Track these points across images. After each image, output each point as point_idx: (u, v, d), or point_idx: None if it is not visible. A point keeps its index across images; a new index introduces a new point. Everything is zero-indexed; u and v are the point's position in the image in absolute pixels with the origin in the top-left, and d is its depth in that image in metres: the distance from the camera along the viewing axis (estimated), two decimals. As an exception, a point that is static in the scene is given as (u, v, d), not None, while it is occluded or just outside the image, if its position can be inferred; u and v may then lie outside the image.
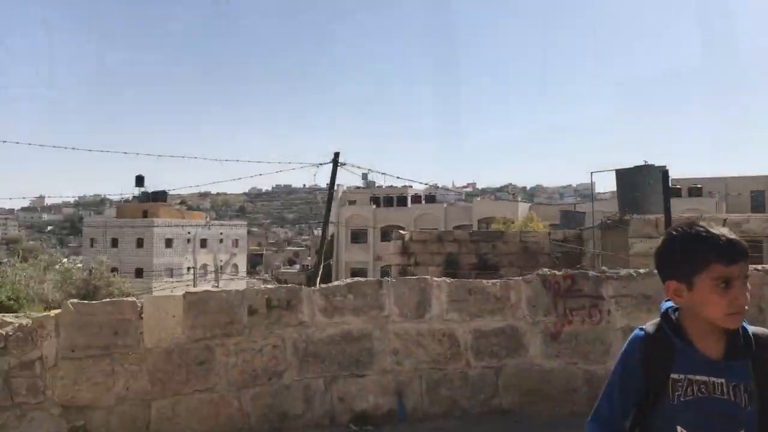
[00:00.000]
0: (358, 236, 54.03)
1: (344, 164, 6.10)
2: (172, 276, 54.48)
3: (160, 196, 59.67)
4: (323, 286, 5.65)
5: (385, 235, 53.06)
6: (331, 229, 65.46)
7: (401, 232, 19.10)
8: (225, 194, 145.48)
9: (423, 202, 53.73)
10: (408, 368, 5.60)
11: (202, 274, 56.67)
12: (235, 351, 5.38)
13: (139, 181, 59.34)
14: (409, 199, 54.11)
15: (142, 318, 5.26)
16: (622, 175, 14.60)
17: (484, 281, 5.88)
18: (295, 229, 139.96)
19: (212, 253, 60.69)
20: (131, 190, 58.55)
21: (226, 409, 5.33)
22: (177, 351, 5.28)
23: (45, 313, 5.32)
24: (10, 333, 5.15)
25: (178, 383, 5.26)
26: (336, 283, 5.67)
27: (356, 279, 5.73)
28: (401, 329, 5.63)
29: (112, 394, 5.16)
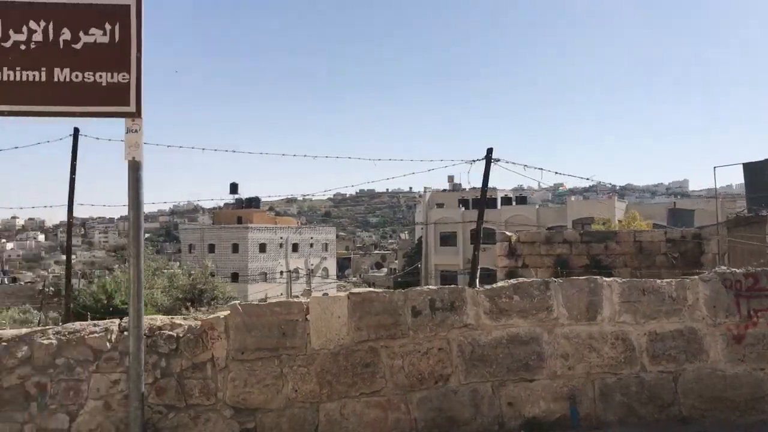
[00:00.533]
0: (447, 239, 53.63)
1: (498, 160, 5.87)
2: (266, 280, 55.77)
3: (253, 203, 61.28)
4: (487, 287, 5.45)
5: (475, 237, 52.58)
6: (418, 232, 65.34)
7: (507, 233, 18.70)
8: (311, 200, 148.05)
9: (514, 203, 52.82)
10: (580, 373, 5.31)
11: (294, 278, 57.66)
12: (401, 353, 5.25)
13: (233, 188, 61.15)
14: (499, 200, 53.31)
15: (308, 319, 5.21)
16: (751, 168, 13.71)
17: (658, 281, 5.53)
18: (379, 233, 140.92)
19: (304, 257, 61.75)
20: (225, 198, 60.43)
21: (393, 413, 5.21)
22: (343, 353, 5.19)
23: (215, 315, 5.34)
24: (181, 335, 5.19)
25: (345, 386, 5.18)
26: (500, 283, 5.46)
27: (522, 279, 5.50)
28: (571, 332, 5.35)
29: (282, 397, 5.12)
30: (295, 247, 62.53)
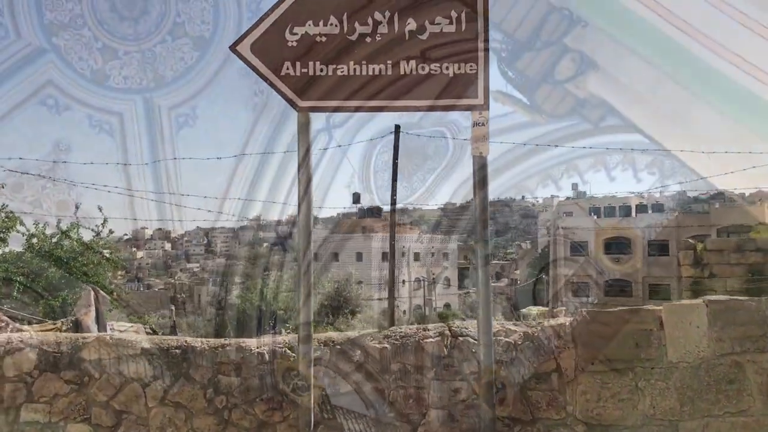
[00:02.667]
0: (576, 249, 51.75)
1: None
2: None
3: (375, 213, 61.79)
4: None
5: (608, 247, 50.39)
6: (541, 242, 63.73)
7: (690, 241, 17.56)
8: (421, 209, 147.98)
9: (649, 211, 50.39)
10: None
11: (416, 288, 57.60)
12: (770, 369, 4.66)
13: (356, 198, 61.87)
14: (634, 208, 51.01)
15: (662, 329, 4.73)
16: None
17: None
18: (492, 242, 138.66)
19: (425, 266, 61.52)
20: (339, 207, 61.36)
21: (764, 436, 4.63)
22: (704, 367, 4.67)
23: (559, 321, 4.95)
24: (519, 342, 4.85)
25: (707, 403, 4.65)
26: None
27: None
28: None
29: (638, 413, 4.65)
30: (416, 256, 62.42)
